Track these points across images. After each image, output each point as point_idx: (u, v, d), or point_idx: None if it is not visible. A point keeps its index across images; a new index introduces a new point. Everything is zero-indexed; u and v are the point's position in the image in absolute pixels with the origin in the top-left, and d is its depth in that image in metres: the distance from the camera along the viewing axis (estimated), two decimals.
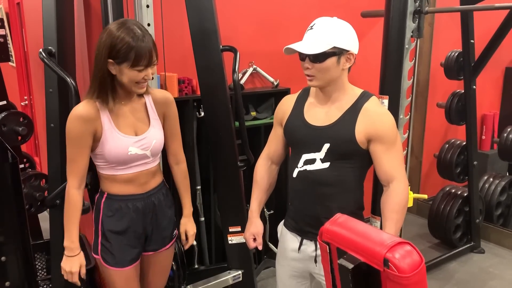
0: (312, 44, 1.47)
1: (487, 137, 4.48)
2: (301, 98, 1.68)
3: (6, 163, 1.77)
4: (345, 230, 1.08)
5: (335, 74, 1.52)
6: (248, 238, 1.74)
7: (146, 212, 1.70)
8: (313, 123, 1.58)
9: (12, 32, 4.12)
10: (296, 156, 1.62)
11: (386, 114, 1.56)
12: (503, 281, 3.06)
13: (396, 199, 1.52)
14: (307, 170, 1.58)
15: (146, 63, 1.49)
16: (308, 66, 1.51)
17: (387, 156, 1.52)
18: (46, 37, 1.97)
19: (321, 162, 1.56)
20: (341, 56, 1.50)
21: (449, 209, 3.37)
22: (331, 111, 1.57)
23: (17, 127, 2.60)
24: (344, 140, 1.53)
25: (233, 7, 2.79)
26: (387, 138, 1.52)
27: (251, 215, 1.75)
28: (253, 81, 3.00)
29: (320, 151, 1.55)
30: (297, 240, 1.67)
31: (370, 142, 1.53)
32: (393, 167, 1.53)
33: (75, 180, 1.61)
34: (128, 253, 1.69)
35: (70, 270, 1.62)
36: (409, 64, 2.46)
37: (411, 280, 0.97)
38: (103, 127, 1.56)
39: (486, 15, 3.12)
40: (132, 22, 1.53)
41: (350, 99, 1.57)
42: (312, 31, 1.50)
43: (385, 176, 1.54)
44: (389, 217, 1.51)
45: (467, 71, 3.19)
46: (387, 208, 1.53)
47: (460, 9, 3.05)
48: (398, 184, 1.53)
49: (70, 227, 1.62)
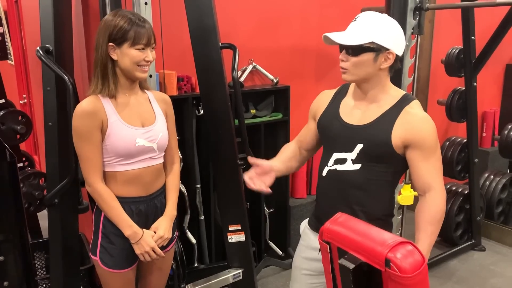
0: (350, 35, 1.41)
1: (488, 134, 4.47)
2: (339, 94, 1.61)
3: (4, 161, 1.75)
4: (346, 230, 1.07)
5: (371, 72, 1.44)
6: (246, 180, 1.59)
7: (148, 215, 1.69)
8: (348, 121, 1.52)
9: (10, 30, 4.10)
10: (327, 154, 1.57)
11: (427, 119, 1.46)
12: (504, 278, 3.06)
13: (432, 211, 1.46)
14: (337, 170, 1.52)
15: (145, 41, 1.53)
16: (342, 59, 1.44)
17: (425, 164, 1.45)
18: (44, 35, 1.95)
19: (352, 163, 1.49)
20: (379, 53, 1.41)
21: (450, 207, 3.36)
22: (368, 110, 1.50)
23: (15, 126, 2.58)
24: (378, 143, 1.45)
25: (232, 4, 2.77)
26: (426, 145, 1.44)
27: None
28: (253, 78, 2.98)
29: (352, 151, 1.49)
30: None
31: (407, 148, 1.45)
32: (430, 176, 1.46)
33: (96, 176, 1.58)
34: (128, 256, 1.67)
35: (147, 250, 1.62)
36: (409, 61, 2.45)
37: (413, 280, 0.96)
38: (108, 119, 1.56)
39: (487, 12, 3.10)
40: (125, 10, 1.58)
41: (390, 100, 1.49)
42: (355, 23, 1.43)
43: (421, 185, 1.47)
44: (423, 229, 1.44)
45: (467, 68, 3.18)
46: (422, 219, 1.45)
47: (460, 6, 3.03)
48: (435, 194, 1.46)
49: (121, 216, 1.60)
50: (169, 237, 1.72)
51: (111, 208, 1.60)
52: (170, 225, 1.72)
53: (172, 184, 1.79)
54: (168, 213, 1.73)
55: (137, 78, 1.60)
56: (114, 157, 1.59)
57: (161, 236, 1.67)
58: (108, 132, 1.56)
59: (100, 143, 1.57)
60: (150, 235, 1.64)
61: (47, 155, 2.02)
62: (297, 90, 3.03)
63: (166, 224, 1.70)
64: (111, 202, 1.60)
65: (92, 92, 1.58)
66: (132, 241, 1.62)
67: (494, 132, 4.46)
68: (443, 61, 3.44)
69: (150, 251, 1.63)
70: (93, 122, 1.54)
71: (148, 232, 1.65)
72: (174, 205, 1.75)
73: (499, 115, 4.48)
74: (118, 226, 1.61)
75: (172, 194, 1.77)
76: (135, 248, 1.62)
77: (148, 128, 1.63)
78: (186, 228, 2.66)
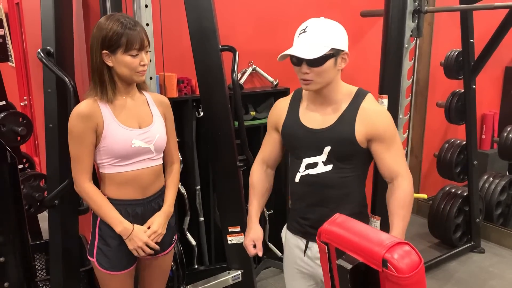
0: (310, 48, 1.43)
1: (487, 136, 4.48)
2: (294, 101, 1.65)
3: (5, 163, 1.76)
4: (343, 231, 1.08)
5: (332, 76, 1.50)
6: (248, 245, 1.70)
7: (145, 218, 1.69)
8: (311, 126, 1.56)
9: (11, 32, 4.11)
10: (297, 160, 1.60)
11: (384, 112, 1.56)
12: (503, 280, 3.06)
13: (402, 195, 1.52)
14: (310, 174, 1.56)
15: (138, 46, 1.53)
16: (306, 71, 1.46)
17: (389, 153, 1.53)
18: (45, 37, 1.97)
19: (324, 165, 1.54)
20: (337, 57, 1.48)
21: (449, 209, 3.36)
22: (327, 112, 1.55)
23: (16, 128, 2.59)
24: (344, 142, 1.51)
25: (232, 6, 2.79)
26: (387, 136, 1.52)
27: (249, 220, 1.71)
28: (252, 80, 2.99)
29: (322, 154, 1.54)
30: (303, 243, 1.65)
31: (370, 141, 1.53)
32: (396, 163, 1.53)
33: (84, 176, 1.60)
34: (124, 258, 1.68)
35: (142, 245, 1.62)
36: (408, 63, 2.46)
37: (410, 280, 0.96)
38: (104, 121, 1.57)
39: (486, 15, 3.11)
40: (119, 14, 1.57)
41: (346, 99, 1.55)
42: (306, 34, 1.46)
43: (389, 173, 1.55)
44: (396, 213, 1.51)
45: (466, 70, 3.18)
46: (394, 204, 1.52)
47: (459, 8, 3.04)
48: (402, 180, 1.53)
49: (109, 213, 1.61)
50: (163, 233, 1.71)
51: (99, 206, 1.61)
52: (165, 221, 1.72)
53: (171, 182, 1.79)
54: (164, 209, 1.73)
55: (136, 82, 1.62)
56: (111, 158, 1.60)
57: (155, 231, 1.66)
58: (104, 134, 1.57)
59: (92, 145, 1.58)
60: (142, 230, 1.64)
61: (47, 157, 2.03)
62: None
63: (160, 219, 1.69)
64: (99, 201, 1.61)
65: (89, 95, 1.60)
66: (124, 236, 1.62)
67: (494, 134, 4.47)
68: (442, 63, 3.45)
69: (143, 246, 1.63)
70: (87, 125, 1.55)
71: (140, 227, 1.65)
72: (171, 202, 1.76)
73: (498, 118, 4.49)
74: (109, 223, 1.62)
75: (170, 192, 1.77)
76: (128, 244, 1.63)
77: (145, 129, 1.63)
78: (186, 229, 2.66)
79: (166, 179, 1.80)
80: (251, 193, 1.74)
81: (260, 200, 1.73)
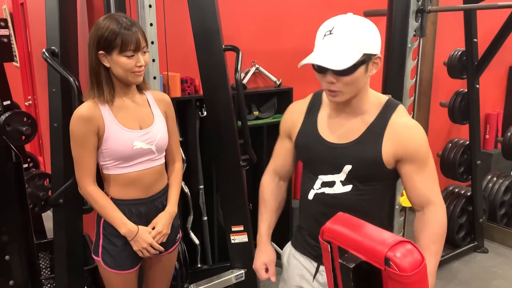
0: (338, 54, 1.20)
1: (491, 136, 4.46)
2: (313, 106, 1.43)
3: (10, 162, 1.77)
4: (346, 229, 1.08)
5: (362, 84, 1.29)
6: (259, 269, 1.51)
7: (149, 217, 1.70)
8: (331, 140, 1.36)
9: (16, 32, 4.14)
10: (311, 175, 1.41)
11: (418, 128, 1.33)
12: (506, 281, 3.05)
13: (435, 228, 1.32)
14: (326, 194, 1.37)
15: (134, 47, 1.50)
16: (333, 81, 1.24)
17: (420, 177, 1.32)
18: (49, 37, 1.98)
19: (342, 185, 1.35)
20: (369, 62, 1.25)
21: (453, 209, 3.36)
22: (351, 124, 1.34)
23: (21, 127, 2.61)
24: (368, 162, 1.31)
25: (235, 6, 2.79)
26: (419, 157, 1.31)
27: (260, 240, 1.53)
28: (256, 80, 3.00)
29: (340, 173, 1.34)
30: (313, 266, 1.46)
31: (399, 162, 1.32)
32: (428, 189, 1.33)
33: (88, 178, 1.61)
34: (129, 257, 1.69)
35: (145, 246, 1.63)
36: (412, 63, 2.46)
37: (412, 279, 0.96)
38: (105, 124, 1.57)
39: (490, 14, 3.10)
40: (118, 14, 1.56)
41: (374, 110, 1.34)
42: (333, 37, 1.22)
43: (419, 200, 1.34)
44: (427, 248, 1.29)
45: (470, 70, 3.18)
46: (425, 238, 1.32)
47: (463, 8, 3.04)
48: (435, 209, 1.33)
49: (114, 215, 1.62)
50: (168, 233, 1.71)
51: (104, 208, 1.62)
52: (170, 221, 1.72)
53: (173, 181, 1.79)
54: (168, 209, 1.73)
55: (132, 83, 1.60)
56: (112, 160, 1.60)
57: (160, 232, 1.67)
58: (106, 136, 1.57)
59: (94, 147, 1.58)
60: (146, 231, 1.65)
61: (52, 156, 2.04)
62: (300, 92, 3.04)
63: (165, 220, 1.69)
64: (103, 202, 1.62)
65: (88, 97, 1.59)
66: (129, 238, 1.63)
67: (497, 134, 4.46)
68: (446, 63, 3.44)
69: (148, 247, 1.64)
70: (88, 128, 1.55)
71: (145, 228, 1.65)
72: (175, 202, 1.75)
73: (502, 117, 4.48)
74: (113, 225, 1.62)
75: (173, 192, 1.77)
76: (133, 245, 1.64)
77: (146, 130, 1.63)
78: (189, 229, 2.67)
79: (169, 178, 1.80)
80: (262, 208, 1.56)
81: (272, 216, 1.55)
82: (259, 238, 1.55)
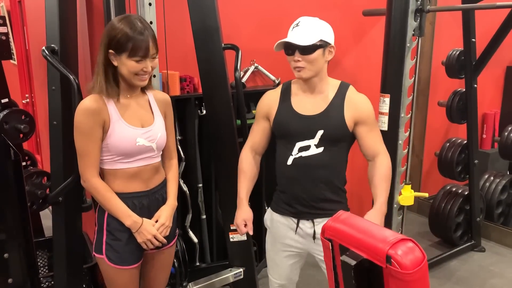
0: (302, 37, 1.63)
1: (488, 136, 4.48)
2: (285, 92, 1.81)
3: (9, 160, 1.77)
4: (347, 227, 1.09)
5: (321, 66, 1.69)
6: (239, 224, 1.83)
7: (151, 209, 1.72)
8: (304, 113, 1.73)
9: (13, 30, 4.12)
10: (288, 145, 1.75)
11: (367, 100, 1.79)
12: (503, 279, 3.07)
13: (383, 170, 1.75)
14: (303, 157, 1.73)
15: (143, 54, 1.54)
16: (298, 59, 1.65)
17: (371, 134, 1.76)
18: (49, 35, 1.98)
19: (316, 147, 1.72)
20: (325, 48, 1.68)
21: (450, 208, 3.37)
22: (317, 101, 1.74)
23: (19, 125, 2.59)
24: (336, 126, 1.71)
25: (234, 5, 2.79)
26: (370, 120, 1.75)
27: (240, 202, 1.85)
28: (255, 79, 3.00)
29: (314, 138, 1.71)
30: (294, 222, 1.81)
31: (356, 125, 1.74)
32: (377, 143, 1.78)
33: (92, 170, 1.62)
34: (134, 252, 1.70)
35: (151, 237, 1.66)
36: (410, 62, 2.47)
37: (413, 276, 0.97)
38: (110, 118, 1.59)
39: (488, 14, 3.12)
40: (134, 17, 1.59)
41: (332, 89, 1.75)
42: (299, 28, 1.67)
43: (371, 152, 1.78)
44: (380, 185, 1.73)
45: (468, 69, 3.19)
46: (377, 178, 1.74)
47: (461, 8, 3.05)
48: (383, 157, 1.77)
49: (119, 207, 1.63)
50: (170, 225, 1.76)
51: (108, 200, 1.63)
52: (171, 214, 1.77)
53: (171, 177, 1.84)
54: (169, 202, 1.78)
55: (135, 85, 1.64)
56: (115, 155, 1.63)
57: (163, 224, 1.72)
58: (110, 131, 1.59)
59: (99, 140, 1.60)
60: (150, 224, 1.68)
61: (51, 154, 2.04)
62: None
63: (167, 212, 1.75)
64: (107, 194, 1.63)
65: (94, 90, 1.61)
66: (133, 230, 1.65)
67: (495, 134, 4.48)
68: (444, 62, 3.45)
69: (152, 239, 1.67)
70: (95, 120, 1.57)
71: (149, 221, 1.69)
72: (175, 196, 1.82)
73: (499, 117, 4.50)
74: (118, 217, 1.64)
75: (172, 186, 1.83)
76: (137, 237, 1.66)
77: (147, 128, 1.67)
78: (188, 227, 2.67)
79: (167, 174, 1.84)
80: (241, 177, 1.88)
81: (249, 184, 1.88)
82: (239, 201, 1.86)
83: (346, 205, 1.85)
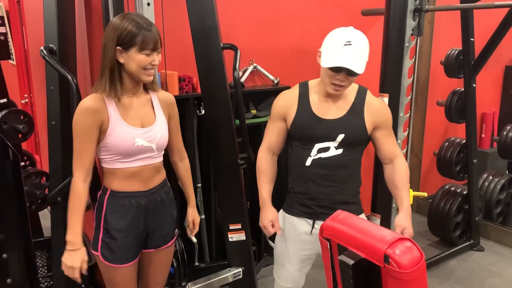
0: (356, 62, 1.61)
1: (487, 135, 4.49)
2: (303, 94, 1.80)
3: (8, 160, 1.77)
4: (345, 227, 1.09)
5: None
6: (267, 225, 1.82)
7: (149, 210, 1.72)
8: (325, 117, 1.74)
9: (12, 30, 4.12)
10: (306, 146, 1.76)
11: (385, 105, 1.85)
12: (502, 279, 3.07)
13: (404, 172, 1.78)
14: (322, 158, 1.74)
15: (152, 46, 1.56)
16: (344, 79, 1.65)
17: (389, 139, 1.80)
18: (47, 35, 1.97)
19: (335, 149, 1.73)
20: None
21: (449, 207, 3.37)
22: (338, 105, 1.75)
23: (17, 125, 2.59)
24: (357, 130, 1.74)
25: (233, 5, 2.79)
26: (388, 125, 1.80)
27: (264, 203, 1.85)
28: (254, 79, 3.00)
29: (335, 140, 1.73)
30: (309, 223, 1.82)
31: (375, 129, 1.77)
32: (394, 147, 1.82)
33: (81, 173, 1.61)
34: (129, 250, 1.70)
35: (72, 265, 1.59)
36: (409, 62, 2.47)
37: (411, 276, 0.97)
38: (110, 118, 1.59)
39: (486, 13, 3.12)
40: (133, 14, 1.60)
41: (352, 93, 1.77)
42: (352, 48, 1.60)
43: (389, 155, 1.80)
44: (402, 187, 1.75)
45: (467, 69, 3.19)
46: (399, 180, 1.76)
47: (460, 7, 3.05)
48: (401, 159, 1.81)
49: (74, 220, 1.61)
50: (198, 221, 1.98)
51: (74, 209, 1.60)
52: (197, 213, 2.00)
53: (186, 179, 1.95)
54: (192, 204, 1.99)
55: (142, 81, 1.64)
56: (114, 155, 1.63)
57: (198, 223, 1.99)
58: (109, 131, 1.59)
59: (94, 141, 1.60)
60: (83, 256, 1.60)
61: (50, 154, 2.04)
62: None
63: (196, 213, 2.00)
64: (78, 205, 1.61)
65: (96, 90, 1.61)
66: (68, 247, 1.60)
67: (493, 133, 4.48)
68: (443, 62, 3.45)
69: (75, 269, 1.59)
70: (93, 120, 1.57)
71: (84, 253, 1.61)
72: (193, 196, 1.99)
73: (498, 116, 4.50)
74: (68, 227, 1.61)
75: (189, 188, 1.97)
76: (65, 257, 1.60)
77: (147, 128, 1.66)
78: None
79: (182, 178, 1.94)
80: (262, 179, 1.89)
81: (270, 185, 1.89)
82: (263, 202, 1.86)
83: (361, 206, 1.85)
